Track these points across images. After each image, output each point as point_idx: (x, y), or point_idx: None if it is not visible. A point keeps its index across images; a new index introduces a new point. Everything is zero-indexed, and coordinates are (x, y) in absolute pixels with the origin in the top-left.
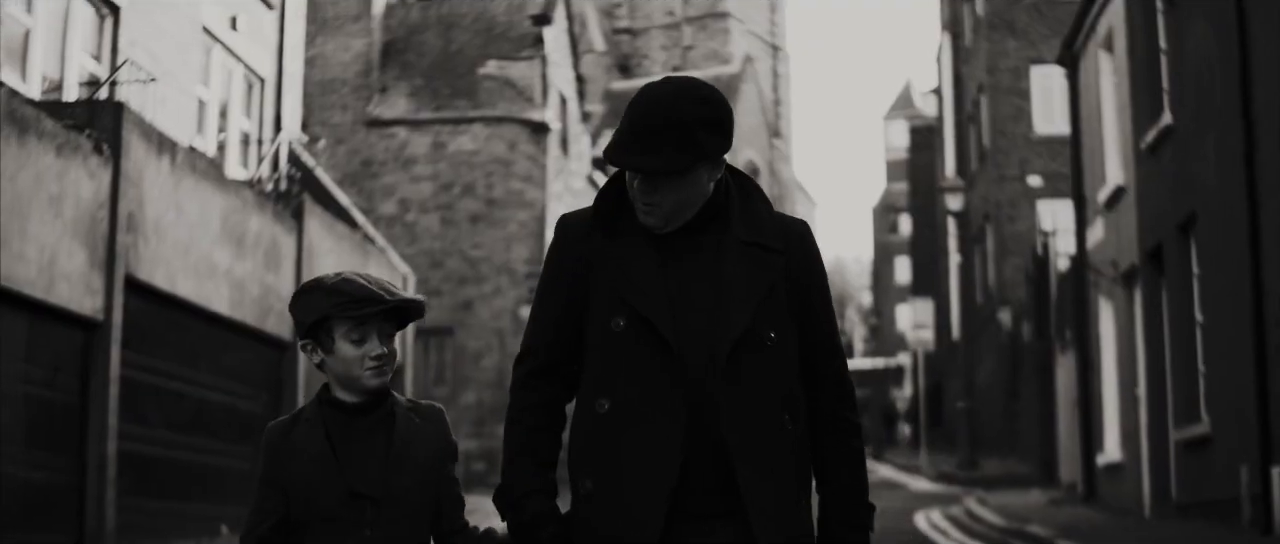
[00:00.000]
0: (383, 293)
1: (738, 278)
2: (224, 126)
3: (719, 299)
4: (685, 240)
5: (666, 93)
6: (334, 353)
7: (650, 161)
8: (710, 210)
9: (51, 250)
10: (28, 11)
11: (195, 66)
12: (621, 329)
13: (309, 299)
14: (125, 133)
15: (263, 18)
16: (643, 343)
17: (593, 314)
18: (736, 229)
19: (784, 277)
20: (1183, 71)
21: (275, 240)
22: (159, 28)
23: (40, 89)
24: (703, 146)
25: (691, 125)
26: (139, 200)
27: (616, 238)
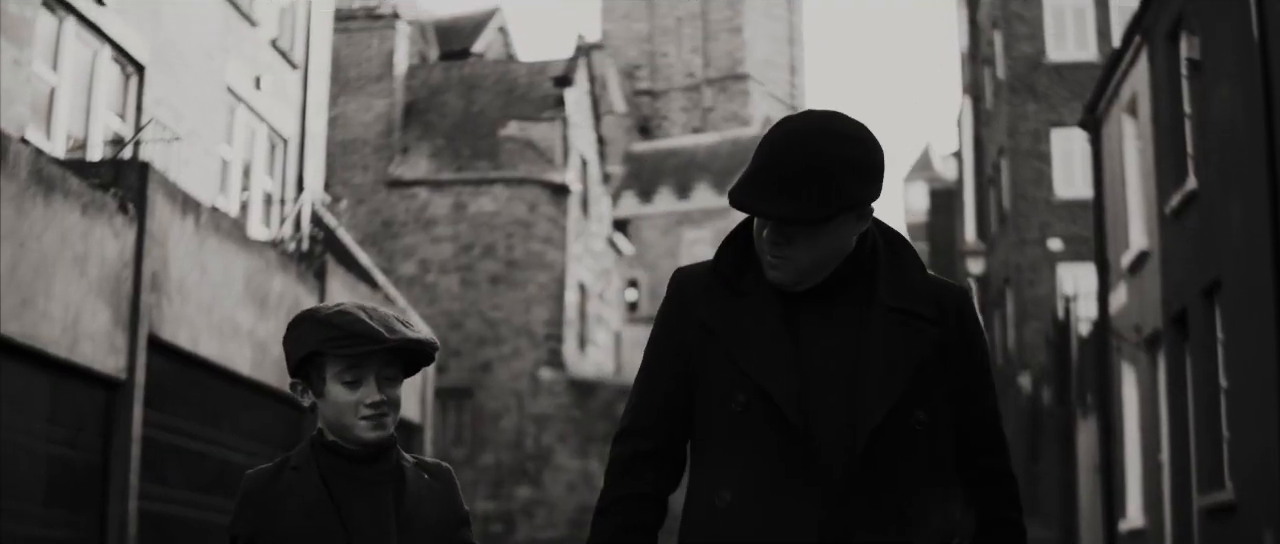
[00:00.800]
0: (382, 330)
1: (882, 350)
2: (247, 186)
3: (859, 375)
4: (821, 303)
5: (807, 128)
6: (325, 396)
7: (784, 207)
8: (851, 268)
9: (76, 309)
10: (53, 70)
11: (219, 126)
12: (742, 408)
13: (299, 331)
14: (150, 192)
15: (286, 77)
16: (769, 425)
17: (710, 388)
18: (882, 292)
19: (937, 350)
20: (1207, 136)
21: (298, 301)
22: (183, 87)
23: (65, 147)
24: (847, 193)
25: (835, 168)
26: (163, 260)
27: (740, 297)
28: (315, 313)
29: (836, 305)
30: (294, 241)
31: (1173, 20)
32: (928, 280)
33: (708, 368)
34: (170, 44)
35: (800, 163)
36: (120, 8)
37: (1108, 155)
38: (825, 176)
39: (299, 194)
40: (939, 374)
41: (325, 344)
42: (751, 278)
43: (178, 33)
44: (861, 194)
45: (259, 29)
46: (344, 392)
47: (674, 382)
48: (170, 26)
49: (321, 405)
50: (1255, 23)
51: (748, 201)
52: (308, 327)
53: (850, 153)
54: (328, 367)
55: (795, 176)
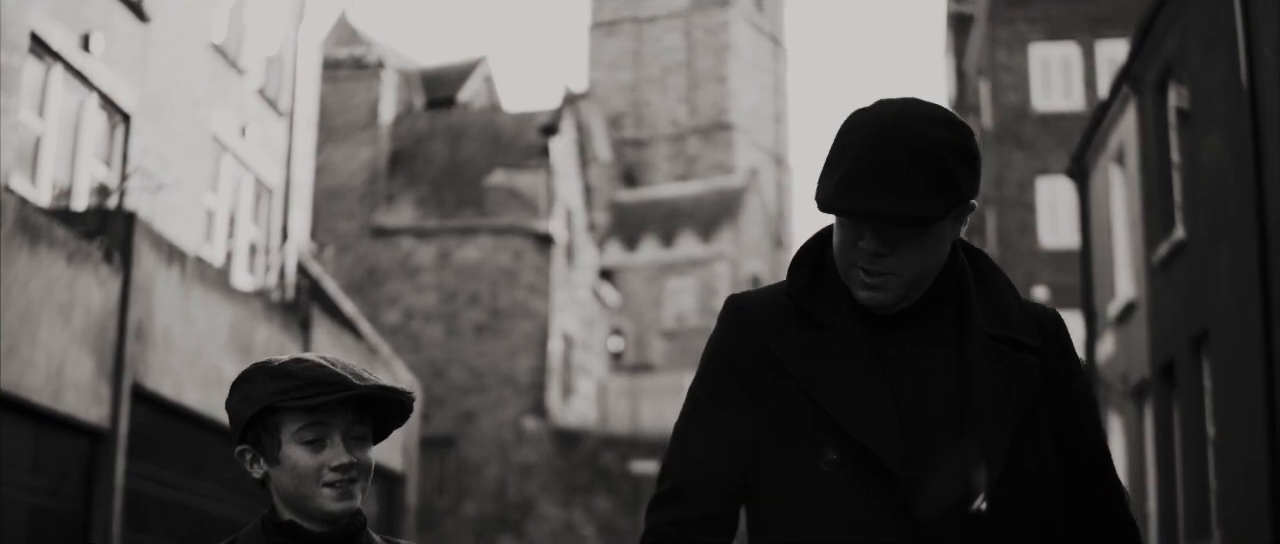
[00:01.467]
0: (349, 376)
1: (989, 388)
2: (232, 234)
3: (967, 418)
4: (913, 331)
5: (906, 112)
6: (280, 462)
7: (895, 204)
8: (941, 288)
9: (60, 358)
10: (40, 117)
11: (205, 174)
12: (833, 466)
13: (247, 387)
14: (136, 242)
15: (272, 126)
16: (865, 486)
17: (783, 440)
18: (979, 318)
19: (1041, 386)
20: (1196, 186)
21: (282, 349)
22: (170, 135)
23: (50, 195)
24: (959, 185)
25: (946, 155)
26: (148, 309)
27: (819, 328)
28: (266, 364)
29: (928, 334)
30: (279, 291)
31: (1161, 70)
32: (1022, 303)
33: (780, 415)
34: (157, 92)
35: (907, 151)
36: (107, 56)
37: (1095, 205)
38: (938, 164)
39: (284, 243)
40: (1044, 414)
41: (281, 396)
42: (828, 304)
43: (164, 81)
44: (969, 187)
45: (246, 77)
46: (304, 454)
47: (732, 433)
48: (157, 75)
49: (275, 475)
50: (1244, 73)
51: (847, 201)
52: (259, 380)
53: (956, 139)
54: (284, 426)
55: (903, 167)
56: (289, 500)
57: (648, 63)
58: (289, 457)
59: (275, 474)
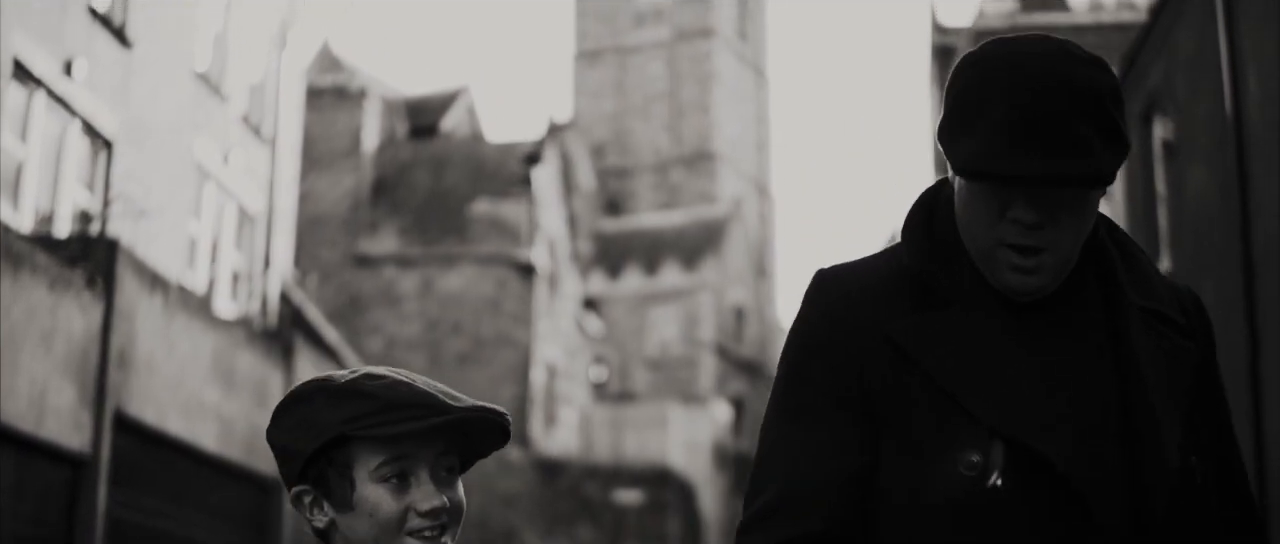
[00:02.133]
0: (440, 397)
1: (1151, 373)
2: (215, 261)
3: (1133, 409)
4: (1056, 308)
5: (1057, 54)
6: (354, 507)
7: (1078, 163)
8: (1084, 260)
9: (41, 385)
10: (22, 142)
11: (188, 201)
12: (978, 472)
13: (306, 412)
14: (118, 269)
15: (255, 153)
16: (1022, 496)
17: (910, 444)
18: (1130, 293)
19: (1195, 374)
20: (1181, 218)
21: (264, 378)
22: (152, 161)
23: (32, 221)
24: (1124, 136)
25: (1105, 101)
26: (130, 336)
27: (943, 307)
28: (327, 382)
29: (1073, 311)
30: (261, 318)
31: (1147, 102)
32: (1165, 280)
33: (903, 412)
34: (139, 119)
35: (1069, 99)
36: (90, 82)
37: None
38: (1102, 113)
39: (267, 270)
40: (1198, 405)
41: (355, 424)
42: (951, 277)
43: (147, 107)
44: (1129, 138)
45: (228, 104)
46: (387, 496)
47: (846, 433)
48: (139, 101)
49: (345, 523)
50: (1229, 104)
51: (1010, 163)
52: (320, 402)
53: (1110, 81)
54: (358, 461)
55: (1070, 119)
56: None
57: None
58: (367, 500)
59: (345, 521)
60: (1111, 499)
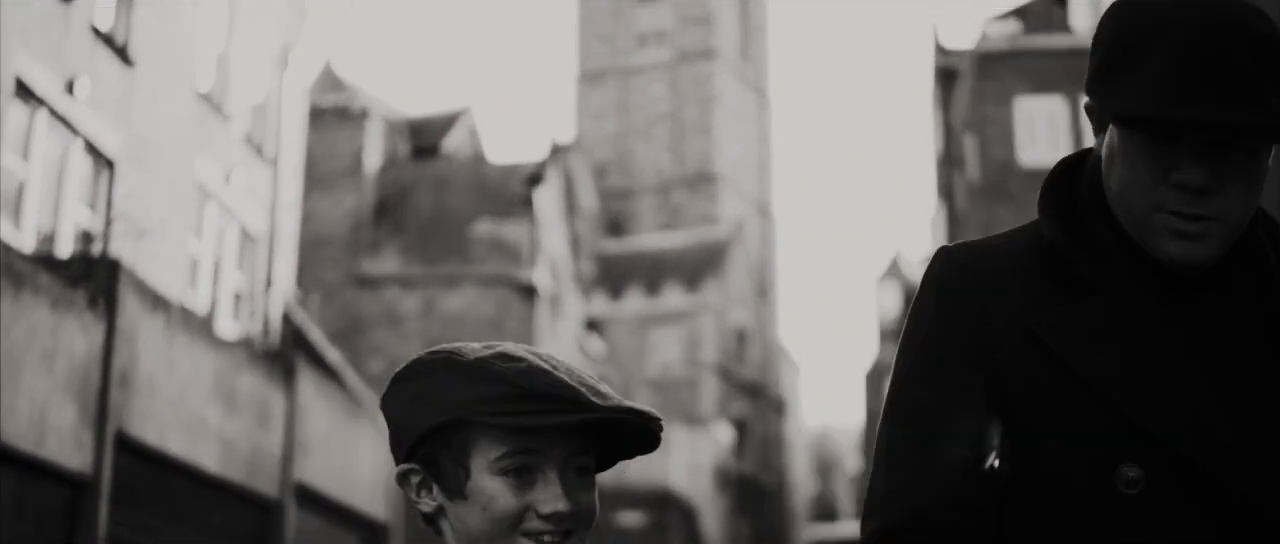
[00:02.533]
0: (583, 390)
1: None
2: (217, 281)
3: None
4: (1214, 299)
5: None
6: (466, 496)
7: (1249, 113)
8: (1241, 243)
9: (42, 405)
10: (24, 161)
11: (189, 221)
12: (1137, 486)
13: (425, 385)
14: (120, 290)
15: (257, 174)
16: (1186, 511)
17: (1054, 450)
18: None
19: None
20: None
21: (266, 399)
22: (154, 181)
23: (34, 240)
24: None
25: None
26: (132, 357)
27: (1086, 294)
28: (456, 355)
29: (1232, 302)
30: (263, 339)
31: None
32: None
33: (1047, 417)
34: (141, 138)
35: (1244, 43)
36: (92, 101)
37: None
38: (1275, 62)
39: (269, 291)
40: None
41: (481, 408)
42: (1097, 260)
43: (149, 127)
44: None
45: (231, 124)
46: (505, 490)
47: (979, 441)
48: (142, 120)
49: (455, 512)
50: None
51: (1173, 106)
52: (446, 378)
53: (1277, 32)
54: (477, 447)
55: (1245, 65)
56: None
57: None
58: (482, 490)
59: (455, 511)
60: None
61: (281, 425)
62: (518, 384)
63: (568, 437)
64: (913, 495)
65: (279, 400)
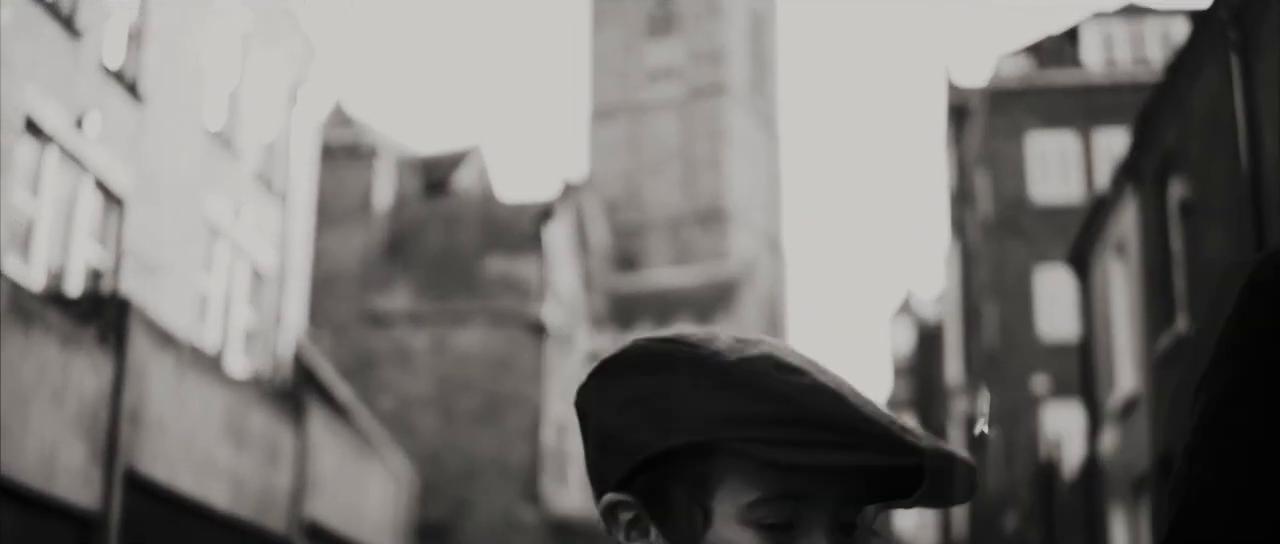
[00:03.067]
0: (889, 424)
1: None
2: (227, 318)
3: None
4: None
5: None
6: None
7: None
8: None
9: (52, 443)
10: (34, 197)
11: (199, 258)
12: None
13: (666, 387)
14: (130, 326)
15: (268, 211)
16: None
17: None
18: None
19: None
20: (1197, 278)
21: (276, 436)
22: (164, 218)
23: (44, 277)
24: None
25: None
26: (141, 394)
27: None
28: (707, 348)
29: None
30: (273, 376)
31: (1162, 162)
32: None
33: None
34: (152, 175)
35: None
36: (102, 138)
37: (1096, 297)
38: None
39: (279, 328)
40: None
41: (747, 430)
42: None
43: (159, 164)
44: None
45: (241, 161)
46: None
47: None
48: (152, 157)
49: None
50: (1245, 164)
51: None
52: (692, 378)
53: None
54: (725, 485)
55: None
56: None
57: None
58: (724, 538)
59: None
60: None
61: (291, 463)
62: (799, 404)
63: (845, 481)
64: (1240, 529)
65: (289, 438)
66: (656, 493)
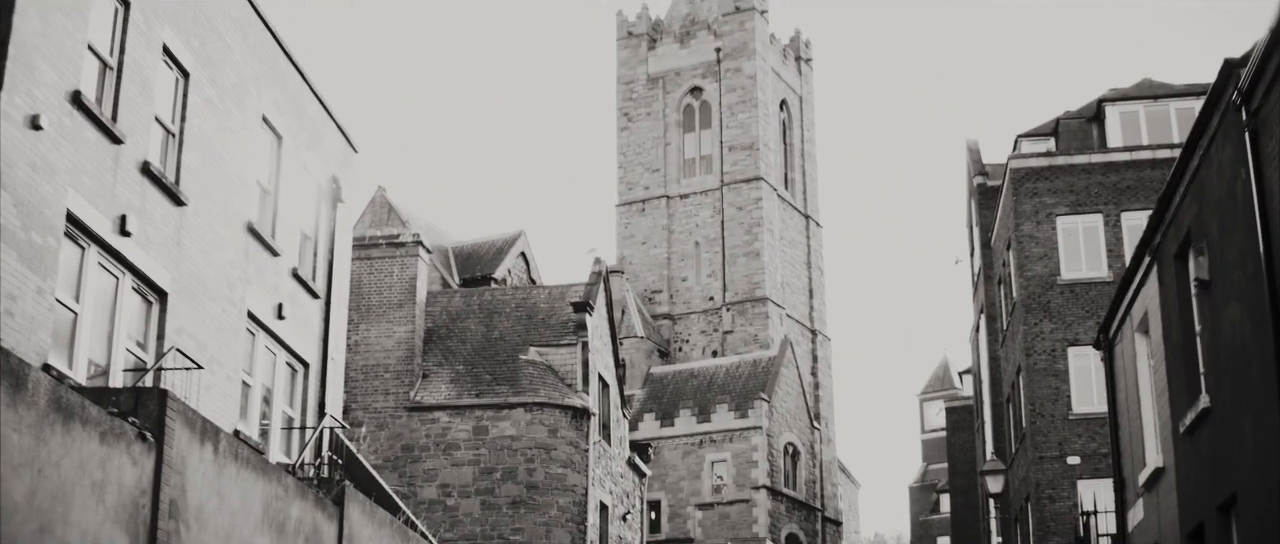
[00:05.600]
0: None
1: None
2: (267, 412)
3: None
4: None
5: None
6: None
7: None
8: None
9: (93, 537)
10: (76, 298)
11: (240, 353)
12: None
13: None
14: (169, 420)
15: (307, 306)
16: None
17: None
18: None
19: None
20: (1218, 353)
21: (316, 527)
22: (205, 315)
23: (87, 374)
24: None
25: None
26: (181, 487)
27: None
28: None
29: None
30: (313, 467)
31: (1181, 241)
32: None
33: None
34: (192, 273)
35: None
36: (143, 237)
37: (1121, 374)
38: None
39: (319, 420)
40: None
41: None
42: None
43: (200, 262)
44: None
45: (280, 258)
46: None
47: None
48: (192, 256)
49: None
50: (1261, 242)
51: None
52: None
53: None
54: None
55: None
56: None
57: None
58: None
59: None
60: None
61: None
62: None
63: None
64: None
65: (330, 528)
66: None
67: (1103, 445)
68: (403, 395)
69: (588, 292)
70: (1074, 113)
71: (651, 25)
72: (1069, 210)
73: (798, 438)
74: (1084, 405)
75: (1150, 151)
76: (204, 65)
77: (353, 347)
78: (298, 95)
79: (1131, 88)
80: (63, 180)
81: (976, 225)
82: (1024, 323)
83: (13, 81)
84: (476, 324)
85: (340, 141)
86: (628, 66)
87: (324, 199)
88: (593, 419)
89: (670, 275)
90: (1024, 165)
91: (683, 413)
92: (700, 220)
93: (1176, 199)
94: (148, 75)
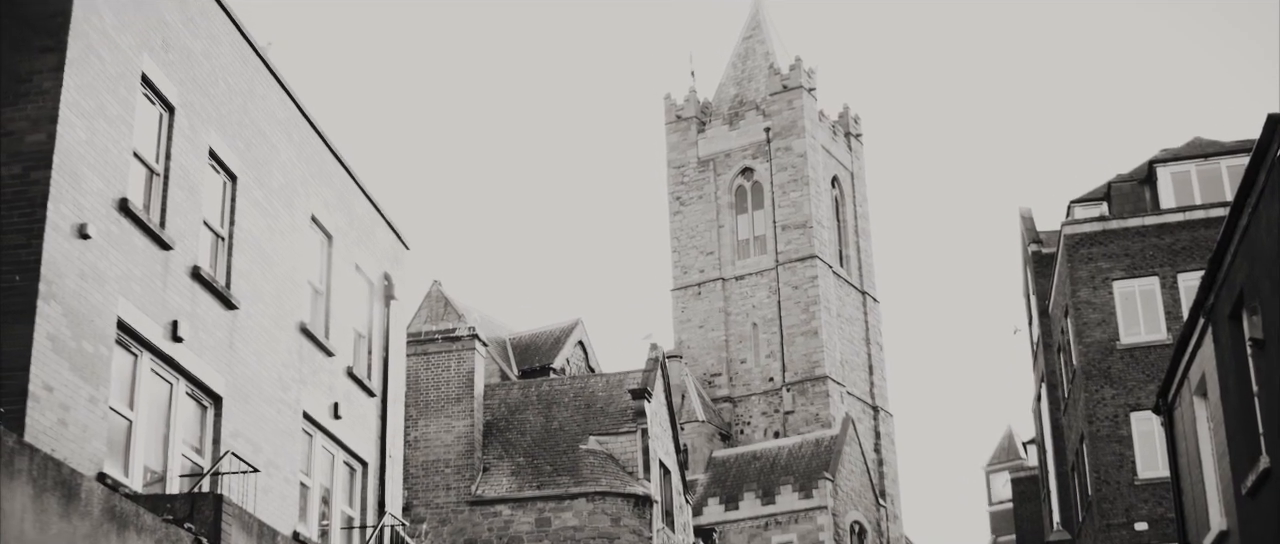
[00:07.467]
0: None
1: None
2: (326, 512)
3: None
4: None
5: None
6: None
7: None
8: None
9: None
10: (129, 406)
11: (297, 454)
12: None
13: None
14: (225, 525)
15: (363, 404)
16: None
17: None
18: None
19: None
20: (1277, 413)
21: None
22: (260, 417)
23: (143, 480)
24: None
25: None
26: None
27: None
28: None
29: None
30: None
31: (1234, 300)
32: None
33: None
34: (246, 375)
35: None
36: (195, 342)
37: (1182, 437)
38: None
39: (379, 518)
40: None
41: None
42: None
43: (253, 364)
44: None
45: (335, 358)
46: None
47: None
48: (245, 358)
49: None
50: None
51: None
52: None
53: None
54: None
55: None
56: None
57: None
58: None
59: None
60: None
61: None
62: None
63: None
64: None
65: None
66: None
67: (1170, 510)
68: (464, 490)
69: (645, 378)
70: (1126, 176)
71: (700, 108)
72: (1125, 274)
73: (864, 516)
74: (1149, 471)
75: (1203, 211)
76: (251, 168)
77: (412, 443)
78: (347, 194)
79: (1182, 147)
80: (112, 288)
81: (1033, 293)
82: (1085, 390)
83: (58, 191)
84: (535, 415)
85: (391, 238)
86: (677, 150)
87: (377, 296)
88: (655, 506)
89: (729, 357)
90: (1078, 231)
91: (747, 496)
92: (757, 301)
93: (1227, 258)
94: (195, 180)
